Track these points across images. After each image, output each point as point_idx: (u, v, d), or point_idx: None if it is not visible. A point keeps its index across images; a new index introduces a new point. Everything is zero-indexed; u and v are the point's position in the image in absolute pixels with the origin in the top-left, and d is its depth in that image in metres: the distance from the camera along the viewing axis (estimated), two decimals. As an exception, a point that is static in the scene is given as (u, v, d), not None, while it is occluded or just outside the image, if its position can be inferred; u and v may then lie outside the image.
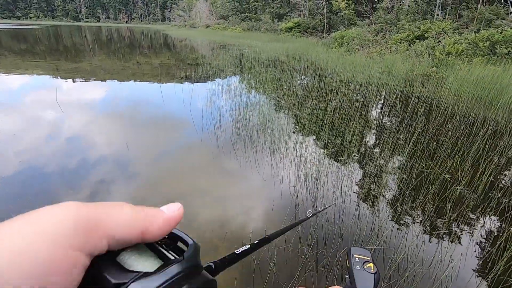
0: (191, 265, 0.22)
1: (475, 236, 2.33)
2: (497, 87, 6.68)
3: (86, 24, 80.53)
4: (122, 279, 0.19)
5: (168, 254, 0.22)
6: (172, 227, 0.23)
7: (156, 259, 0.22)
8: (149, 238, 0.22)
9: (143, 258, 0.21)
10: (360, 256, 0.64)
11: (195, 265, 0.22)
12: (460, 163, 3.30)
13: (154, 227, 0.21)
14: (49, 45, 17.62)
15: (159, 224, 0.22)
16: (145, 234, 0.21)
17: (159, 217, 0.22)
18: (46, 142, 3.79)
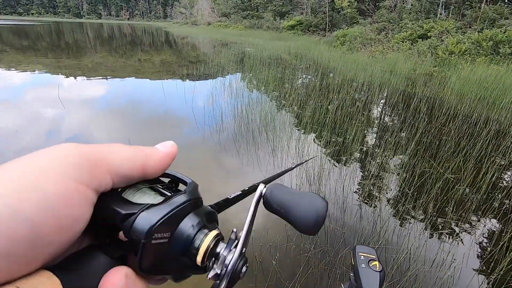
0: (194, 197, 0.23)
1: (478, 237, 2.32)
2: (500, 87, 6.65)
3: (88, 21, 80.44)
4: (131, 210, 0.20)
5: (168, 192, 0.23)
6: (169, 162, 0.24)
7: (159, 196, 0.23)
8: (150, 173, 0.23)
9: (147, 195, 0.22)
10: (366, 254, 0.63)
11: (197, 197, 0.24)
12: (463, 163, 3.29)
13: (153, 162, 0.22)
14: (50, 41, 17.62)
15: (157, 160, 0.23)
16: (146, 170, 0.22)
17: (156, 154, 0.23)
18: (48, 138, 3.79)
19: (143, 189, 0.23)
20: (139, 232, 0.19)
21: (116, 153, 0.21)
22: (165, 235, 0.21)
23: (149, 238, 0.20)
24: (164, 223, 0.20)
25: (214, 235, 0.23)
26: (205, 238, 0.23)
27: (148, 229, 0.19)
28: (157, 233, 0.20)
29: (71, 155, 0.18)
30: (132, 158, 0.21)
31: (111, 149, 0.21)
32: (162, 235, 0.20)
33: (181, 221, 0.22)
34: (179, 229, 0.22)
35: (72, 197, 0.17)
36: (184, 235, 0.22)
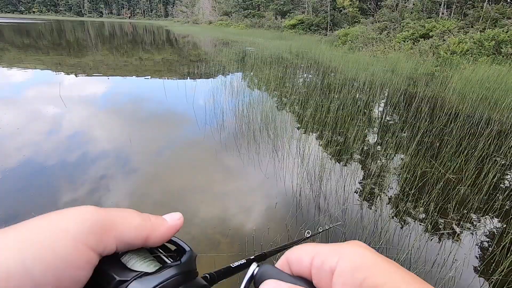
0: (187, 270, 0.23)
1: (479, 237, 2.32)
2: (502, 87, 6.63)
3: (89, 19, 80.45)
4: (125, 277, 0.21)
5: (167, 259, 0.24)
6: (172, 234, 0.25)
7: (156, 262, 0.23)
8: (152, 243, 0.24)
9: (144, 261, 0.23)
10: None
11: (191, 270, 0.24)
12: (464, 163, 3.28)
13: (157, 234, 0.24)
14: (51, 40, 17.62)
15: (162, 232, 0.24)
16: (149, 240, 0.23)
17: (162, 225, 0.24)
18: (49, 136, 3.79)
19: (143, 252, 0.24)
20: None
21: (127, 221, 0.22)
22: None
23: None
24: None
25: None
26: None
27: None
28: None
29: (88, 220, 0.20)
30: (139, 228, 0.23)
31: (122, 216, 0.22)
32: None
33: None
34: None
35: (78, 261, 0.19)
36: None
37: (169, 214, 0.26)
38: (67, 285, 0.18)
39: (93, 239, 0.20)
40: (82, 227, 0.19)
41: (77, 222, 0.19)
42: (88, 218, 0.20)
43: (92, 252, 0.20)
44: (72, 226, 0.19)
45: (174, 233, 0.25)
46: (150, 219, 0.24)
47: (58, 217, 0.19)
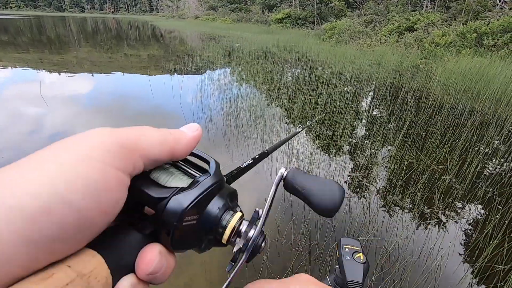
0: (217, 179, 0.25)
1: (463, 225, 2.38)
2: (483, 78, 6.80)
3: (70, 15, 77.92)
4: (163, 194, 0.22)
5: (193, 172, 0.25)
6: (194, 145, 0.25)
7: (184, 176, 0.24)
8: (177, 156, 0.24)
9: (173, 176, 0.24)
10: (350, 247, 0.64)
11: (220, 179, 0.25)
12: (449, 154, 3.36)
13: (180, 147, 0.24)
14: (31, 36, 16.99)
15: (184, 143, 0.24)
16: (174, 153, 0.24)
17: (183, 138, 0.25)
18: (30, 137, 3.67)
19: (169, 169, 0.25)
20: (171, 215, 0.21)
21: (147, 137, 0.22)
22: (194, 218, 0.22)
23: (181, 220, 0.21)
24: (194, 206, 0.22)
25: (239, 217, 0.25)
26: (231, 219, 0.25)
27: (180, 213, 0.21)
28: (188, 216, 0.22)
29: (108, 142, 0.19)
30: (162, 142, 0.23)
31: (143, 134, 0.22)
32: (192, 217, 0.22)
33: (209, 204, 0.24)
34: (207, 211, 0.24)
35: (111, 183, 0.19)
36: (211, 216, 0.24)
37: (186, 126, 0.26)
38: (107, 208, 0.19)
39: (120, 161, 0.19)
40: (107, 149, 0.19)
41: (99, 145, 0.19)
42: (109, 139, 0.20)
43: (122, 172, 0.19)
44: (96, 150, 0.19)
45: (196, 144, 0.25)
46: (170, 133, 0.24)
47: (78, 143, 0.19)
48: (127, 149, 0.20)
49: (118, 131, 0.21)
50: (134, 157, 0.21)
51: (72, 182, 0.17)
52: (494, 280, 1.87)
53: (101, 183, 0.18)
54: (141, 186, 0.22)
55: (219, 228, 0.25)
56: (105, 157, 0.19)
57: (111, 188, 0.19)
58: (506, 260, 1.97)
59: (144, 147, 0.21)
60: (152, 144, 0.22)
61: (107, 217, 0.19)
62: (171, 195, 0.22)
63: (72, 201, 0.17)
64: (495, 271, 1.91)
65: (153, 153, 0.22)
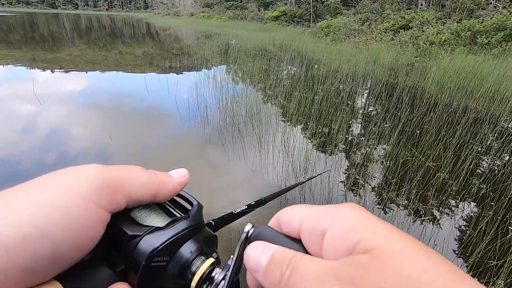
0: (195, 222, 0.25)
1: (457, 222, 2.41)
2: (477, 76, 6.86)
3: (64, 12, 76.92)
4: (137, 232, 0.22)
5: (174, 212, 0.25)
6: (179, 190, 0.26)
7: (164, 216, 0.24)
8: (160, 199, 0.25)
9: (153, 215, 0.24)
10: None
11: (199, 222, 0.25)
12: (443, 151, 3.40)
13: (164, 190, 0.24)
14: (24, 33, 16.75)
15: (169, 188, 0.25)
16: (157, 196, 0.24)
17: (169, 182, 0.25)
18: (24, 136, 3.63)
19: (150, 207, 0.25)
20: (141, 254, 0.21)
21: (134, 179, 0.22)
22: (164, 259, 0.22)
23: (150, 260, 0.21)
24: (165, 247, 0.22)
25: (210, 263, 0.24)
26: (201, 265, 0.24)
27: (149, 253, 0.21)
28: (158, 257, 0.22)
29: (95, 179, 0.20)
30: (147, 185, 0.23)
31: (130, 175, 0.22)
32: (162, 258, 0.22)
33: (181, 247, 0.23)
34: (178, 253, 0.23)
35: (91, 220, 0.19)
36: (182, 260, 0.23)
37: (174, 171, 0.27)
38: (83, 244, 0.19)
39: (104, 198, 0.20)
40: (92, 186, 0.20)
41: (86, 181, 0.19)
42: (96, 177, 0.20)
43: (104, 210, 0.20)
44: (82, 186, 0.19)
45: (180, 190, 0.26)
46: (157, 176, 0.24)
47: (65, 177, 0.19)
48: (112, 188, 0.21)
49: (106, 169, 0.21)
50: (118, 197, 0.21)
51: (53, 215, 0.17)
52: (487, 276, 1.90)
53: (81, 220, 0.18)
54: (119, 222, 0.22)
55: (188, 273, 0.24)
56: (91, 194, 0.19)
57: (91, 225, 0.19)
58: (499, 256, 2.00)
59: (130, 187, 0.22)
60: (137, 186, 0.22)
61: (81, 253, 0.19)
62: (144, 233, 0.22)
63: (49, 234, 0.17)
64: (488, 266, 1.94)
65: (137, 195, 0.23)
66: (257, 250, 0.21)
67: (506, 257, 1.95)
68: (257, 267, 0.20)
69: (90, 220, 0.19)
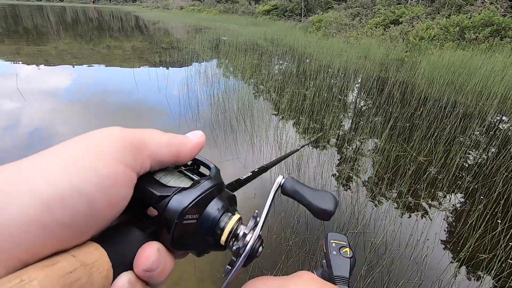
0: (217, 183, 0.26)
1: (448, 216, 2.44)
2: (466, 71, 6.96)
3: (48, 4, 74.48)
4: (166, 192, 0.23)
5: (193, 176, 0.26)
6: (198, 150, 0.26)
7: (186, 178, 0.25)
8: (181, 160, 0.25)
9: (176, 178, 0.25)
10: (337, 241, 0.64)
11: (220, 182, 0.26)
12: (434, 146, 3.43)
13: (185, 150, 0.25)
14: (6, 26, 16.15)
15: (189, 148, 0.25)
16: (179, 157, 0.25)
17: (188, 143, 0.26)
18: (5, 133, 3.50)
19: (172, 171, 0.25)
20: (172, 212, 0.22)
21: (155, 139, 0.23)
22: (194, 217, 0.23)
23: (181, 218, 0.22)
24: (194, 205, 0.23)
25: (237, 219, 0.26)
26: (229, 221, 0.25)
27: (181, 211, 0.22)
28: (188, 214, 0.22)
29: (119, 140, 0.20)
30: (169, 145, 0.24)
31: (151, 135, 0.23)
32: (192, 216, 0.23)
33: (208, 204, 0.24)
34: (206, 211, 0.24)
35: (120, 178, 0.19)
36: (210, 217, 0.24)
37: (191, 132, 0.27)
38: (114, 202, 0.19)
39: (130, 159, 0.20)
40: (118, 146, 0.20)
41: (111, 142, 0.20)
42: (120, 138, 0.21)
43: (130, 170, 0.20)
44: (108, 146, 0.20)
45: (200, 149, 0.26)
46: (176, 137, 0.25)
47: (90, 139, 0.20)
48: (136, 149, 0.21)
49: (128, 131, 0.22)
50: (143, 157, 0.22)
51: (85, 173, 0.18)
52: (478, 269, 1.93)
53: (111, 178, 0.19)
54: (146, 184, 0.23)
55: (217, 229, 0.25)
56: (117, 154, 0.20)
57: (120, 184, 0.19)
58: (489, 249, 2.03)
59: (152, 148, 0.22)
60: (159, 146, 0.23)
61: (114, 212, 0.20)
62: (173, 193, 0.22)
63: (84, 191, 0.17)
64: (479, 260, 1.97)
65: (160, 155, 0.23)
66: None
67: (496, 251, 1.98)
68: None
69: (120, 179, 0.19)
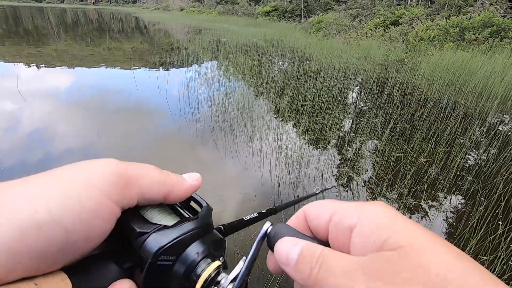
0: (204, 223, 0.25)
1: (449, 217, 2.44)
2: (466, 72, 6.96)
3: (49, 5, 74.63)
4: (145, 229, 0.22)
5: (184, 212, 0.26)
6: (190, 194, 0.26)
7: (174, 216, 0.25)
8: (171, 200, 0.25)
9: (163, 214, 0.24)
10: None
11: (207, 224, 0.25)
12: (434, 147, 3.43)
13: (176, 192, 0.25)
14: (7, 28, 16.17)
15: (181, 191, 0.25)
16: (169, 197, 0.24)
17: (182, 185, 0.25)
18: (6, 134, 3.49)
19: (162, 206, 0.25)
20: (147, 251, 0.21)
21: (147, 177, 0.23)
22: (170, 258, 0.22)
23: (156, 258, 0.21)
24: (172, 247, 0.22)
25: (216, 266, 0.24)
26: (207, 268, 0.24)
27: (155, 251, 0.21)
28: (164, 255, 0.22)
29: (109, 173, 0.20)
30: (160, 185, 0.23)
31: (144, 172, 0.23)
32: (168, 257, 0.22)
33: (188, 247, 0.23)
34: (184, 254, 0.23)
35: (103, 212, 0.19)
36: (188, 261, 0.23)
37: (188, 174, 0.27)
38: (93, 235, 0.19)
39: (117, 193, 0.20)
40: (106, 180, 0.20)
41: (101, 175, 0.20)
42: (111, 171, 0.20)
43: (116, 205, 0.20)
44: (97, 179, 0.20)
45: (192, 193, 0.26)
46: (170, 177, 0.25)
47: (82, 169, 0.20)
48: (125, 184, 0.21)
49: (123, 165, 0.22)
50: (131, 193, 0.21)
51: (67, 204, 0.18)
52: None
53: (94, 211, 0.19)
54: (129, 219, 0.22)
55: (193, 275, 0.23)
56: (104, 188, 0.20)
57: (102, 218, 0.19)
58: (490, 251, 2.03)
59: (142, 185, 0.22)
60: (150, 184, 0.23)
61: (92, 243, 0.19)
62: (152, 231, 0.22)
63: (62, 222, 0.17)
64: (480, 262, 1.96)
65: (149, 193, 0.23)
66: (287, 245, 0.21)
67: (497, 252, 1.97)
68: (287, 261, 0.20)
69: (102, 213, 0.19)
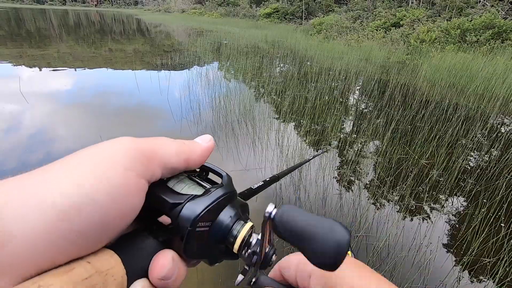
0: (230, 190, 0.26)
1: (451, 219, 2.43)
2: (467, 74, 6.95)
3: (51, 7, 74.98)
4: (179, 200, 0.23)
5: (205, 183, 0.26)
6: (208, 155, 0.27)
7: (199, 186, 0.26)
8: (192, 165, 0.25)
9: (189, 185, 0.25)
10: None
11: (232, 190, 0.26)
12: (436, 149, 3.42)
13: (195, 156, 0.25)
14: (9, 30, 16.26)
15: (199, 153, 0.26)
16: (189, 162, 0.25)
17: (198, 148, 0.26)
18: (7, 135, 3.51)
19: (184, 179, 0.26)
20: (185, 220, 0.22)
21: (165, 147, 0.23)
22: (207, 224, 0.23)
23: (194, 225, 0.22)
24: (207, 213, 0.23)
25: (249, 227, 0.26)
26: (242, 229, 0.25)
27: (193, 218, 0.22)
28: (201, 222, 0.23)
29: (131, 149, 0.21)
30: (178, 152, 0.24)
31: (161, 144, 0.23)
32: (204, 223, 0.23)
33: (221, 212, 0.25)
34: (219, 219, 0.24)
35: (132, 188, 0.20)
36: (223, 225, 0.24)
37: (199, 137, 0.27)
38: (127, 211, 0.20)
39: (141, 167, 0.21)
40: (129, 156, 0.20)
41: (123, 152, 0.20)
42: (131, 147, 0.21)
43: (142, 179, 0.21)
44: (120, 156, 0.20)
45: (209, 154, 0.27)
46: (185, 143, 0.25)
47: (102, 150, 0.20)
48: (147, 157, 0.21)
49: (138, 140, 0.22)
50: (153, 165, 0.22)
51: (98, 184, 0.18)
52: (482, 273, 1.91)
53: (123, 188, 0.19)
54: (159, 192, 0.23)
55: (230, 237, 0.25)
56: (128, 164, 0.20)
57: (131, 193, 0.20)
58: (493, 253, 2.02)
59: (162, 156, 0.23)
60: (169, 154, 0.23)
61: (126, 220, 0.20)
62: (186, 201, 0.23)
63: (98, 201, 0.18)
64: (483, 264, 1.95)
65: (170, 162, 0.23)
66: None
67: (500, 255, 1.96)
68: None
69: (131, 188, 0.20)
